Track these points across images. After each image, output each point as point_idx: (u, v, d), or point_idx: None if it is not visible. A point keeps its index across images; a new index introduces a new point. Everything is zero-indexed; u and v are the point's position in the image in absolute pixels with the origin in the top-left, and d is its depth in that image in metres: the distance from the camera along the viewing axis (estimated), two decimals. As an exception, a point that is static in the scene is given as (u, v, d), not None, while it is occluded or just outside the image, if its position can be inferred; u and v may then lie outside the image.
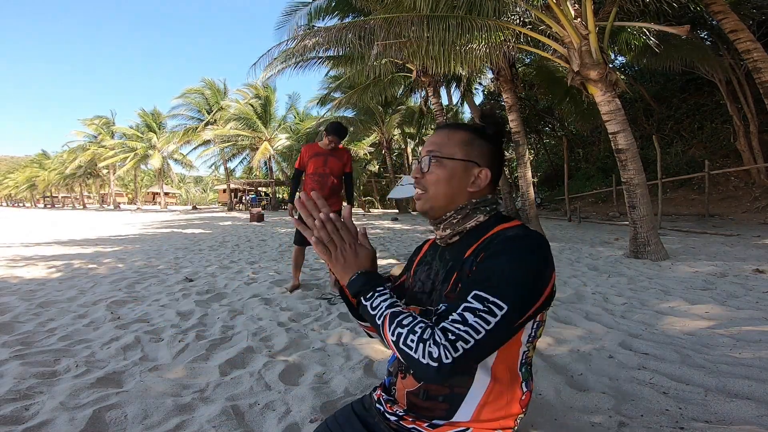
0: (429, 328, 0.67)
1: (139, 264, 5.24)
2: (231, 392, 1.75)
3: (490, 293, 0.66)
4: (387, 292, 0.76)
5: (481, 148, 0.83)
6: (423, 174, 0.84)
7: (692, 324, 2.55)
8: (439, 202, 0.83)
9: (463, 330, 0.64)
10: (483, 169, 0.82)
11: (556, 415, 1.53)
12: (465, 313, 0.66)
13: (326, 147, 3.56)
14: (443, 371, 0.63)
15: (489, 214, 0.82)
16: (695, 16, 9.44)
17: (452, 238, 0.83)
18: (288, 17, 9.25)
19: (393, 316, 0.71)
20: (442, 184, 0.82)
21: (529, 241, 0.72)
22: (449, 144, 0.83)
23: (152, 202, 53.40)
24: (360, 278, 0.77)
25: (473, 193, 0.83)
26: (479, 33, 5.39)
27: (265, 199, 29.08)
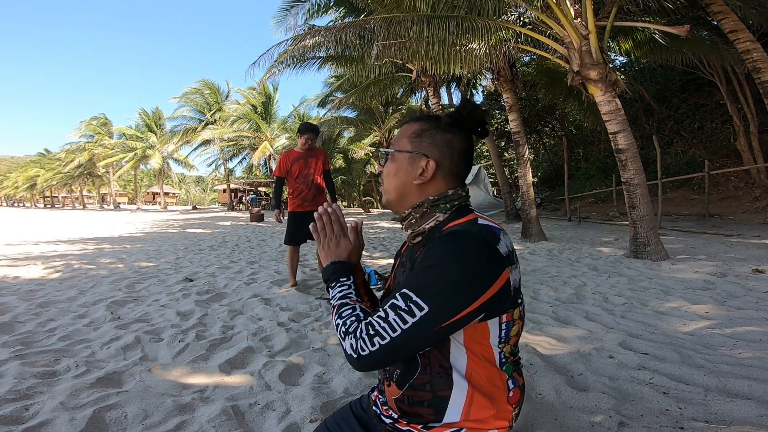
0: (357, 321, 0.71)
1: (139, 264, 5.24)
2: (231, 392, 1.75)
3: (415, 292, 0.65)
4: (347, 284, 0.81)
5: (432, 138, 0.79)
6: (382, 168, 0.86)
7: (692, 324, 2.55)
8: (391, 196, 0.83)
9: (382, 327, 0.66)
10: (429, 161, 0.78)
11: (556, 415, 1.53)
12: (388, 310, 0.66)
13: (303, 149, 3.70)
14: (362, 362, 0.67)
15: (449, 211, 0.78)
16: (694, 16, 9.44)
17: (415, 238, 0.82)
18: (286, 12, 9.24)
19: (339, 307, 0.76)
20: (390, 178, 0.82)
21: (467, 238, 0.68)
22: (402, 137, 0.83)
23: (152, 202, 53.43)
24: (330, 266, 0.84)
25: (423, 186, 0.80)
26: (479, 33, 5.37)
27: (265, 199, 29.10)
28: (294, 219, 3.76)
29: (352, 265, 0.86)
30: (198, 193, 74.56)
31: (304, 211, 3.69)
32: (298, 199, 3.74)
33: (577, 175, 16.99)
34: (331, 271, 0.83)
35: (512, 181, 17.40)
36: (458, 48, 5.95)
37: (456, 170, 0.81)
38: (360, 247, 0.90)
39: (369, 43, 5.68)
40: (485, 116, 0.81)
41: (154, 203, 52.19)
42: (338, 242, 0.86)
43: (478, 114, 0.79)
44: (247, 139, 24.86)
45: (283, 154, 3.80)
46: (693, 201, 11.39)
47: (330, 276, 0.83)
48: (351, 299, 0.78)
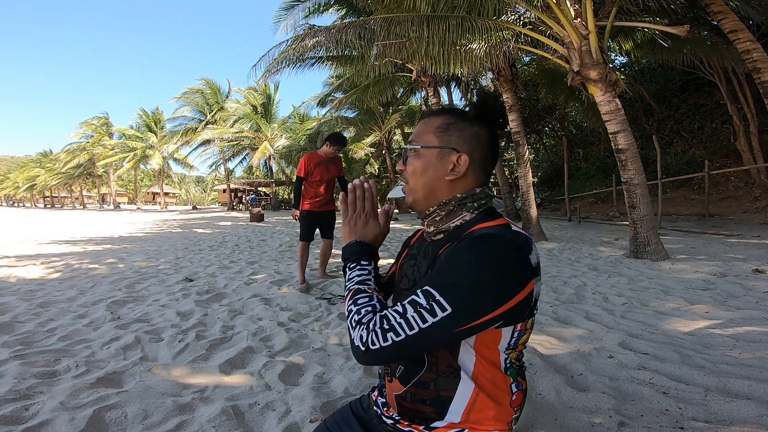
0: (372, 312, 0.68)
1: (139, 264, 5.24)
2: (231, 392, 1.75)
3: (439, 291, 0.62)
4: (368, 269, 0.77)
5: (461, 132, 0.77)
6: (404, 167, 0.81)
7: (692, 324, 2.55)
8: (419, 195, 0.79)
9: (398, 322, 0.63)
10: (461, 155, 0.75)
11: (556, 415, 1.53)
12: (407, 305, 0.64)
13: (327, 155, 3.96)
14: (368, 356, 0.64)
15: (476, 210, 0.76)
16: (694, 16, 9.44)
17: (437, 235, 0.79)
18: (286, 12, 9.25)
19: (355, 292, 0.73)
20: (418, 175, 0.78)
21: (499, 242, 0.65)
22: (426, 132, 0.79)
23: (152, 202, 53.46)
24: (353, 246, 0.80)
25: (453, 182, 0.77)
26: (479, 33, 5.38)
27: (265, 199, 29.11)
28: (309, 217, 4.01)
29: (374, 249, 0.83)
30: (198, 193, 74.56)
31: (320, 211, 4.00)
32: (315, 201, 3.99)
33: (577, 175, 16.99)
34: (353, 250, 0.80)
35: (512, 181, 17.41)
36: (458, 48, 5.95)
37: (485, 163, 0.78)
38: (385, 234, 0.86)
39: (369, 43, 5.68)
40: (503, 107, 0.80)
41: (154, 203, 52.23)
42: (366, 221, 0.83)
43: (498, 106, 0.79)
44: (247, 139, 24.87)
45: (306, 156, 4.00)
46: (693, 201, 11.39)
47: (351, 255, 0.80)
48: (369, 286, 0.75)
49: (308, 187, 3.97)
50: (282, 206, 26.62)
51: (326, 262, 4.25)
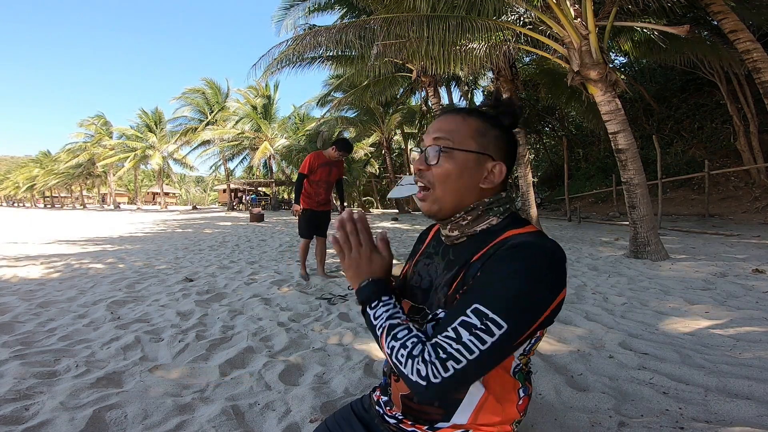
0: (420, 343, 0.64)
1: (139, 264, 5.24)
2: (231, 392, 1.75)
3: (491, 309, 0.59)
4: (391, 302, 0.72)
5: (496, 139, 0.74)
6: (429, 167, 0.74)
7: (692, 324, 2.55)
8: (448, 202, 0.74)
9: (455, 348, 0.59)
10: (497, 163, 0.73)
11: (556, 415, 1.53)
12: (460, 329, 0.60)
13: (332, 158, 4.05)
14: (431, 390, 0.60)
15: (502, 215, 0.74)
16: (695, 16, 9.44)
17: (459, 239, 0.76)
18: (286, 11, 9.25)
19: (390, 328, 0.68)
20: (452, 180, 0.72)
21: (540, 251, 0.63)
22: (462, 132, 0.73)
23: (152, 202, 53.45)
24: (369, 287, 0.74)
25: (485, 190, 0.74)
26: (479, 33, 5.38)
27: (265, 200, 29.12)
28: (307, 216, 4.16)
29: (388, 282, 0.77)
30: (198, 193, 74.58)
31: (318, 210, 4.14)
32: (314, 200, 4.11)
33: (577, 175, 17.00)
34: (370, 291, 0.73)
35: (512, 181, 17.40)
36: (458, 48, 5.95)
37: (510, 169, 0.77)
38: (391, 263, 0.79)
39: (369, 43, 5.68)
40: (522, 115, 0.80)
41: (154, 203, 52.22)
42: (370, 258, 0.76)
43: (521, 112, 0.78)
44: (247, 139, 24.88)
45: (312, 155, 4.08)
46: (693, 201, 11.39)
47: (368, 297, 0.73)
48: (401, 319, 0.70)
49: (309, 185, 4.06)
50: (282, 206, 26.61)
51: (324, 261, 4.33)
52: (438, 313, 0.72)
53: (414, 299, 0.81)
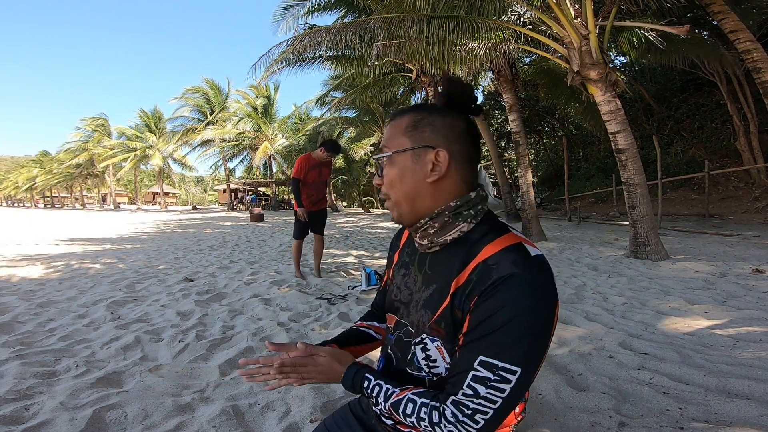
0: (434, 409, 0.63)
1: (139, 264, 5.24)
2: (231, 392, 1.75)
3: (499, 359, 0.59)
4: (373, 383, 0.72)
5: (432, 126, 0.69)
6: (381, 179, 0.73)
7: (692, 324, 2.55)
8: (403, 207, 0.71)
9: (477, 403, 0.59)
10: (438, 150, 0.68)
11: (556, 415, 1.53)
12: (475, 385, 0.60)
13: (321, 159, 4.14)
14: None
15: (474, 219, 0.69)
16: (695, 16, 9.45)
17: (432, 248, 0.73)
18: (286, 11, 9.24)
19: (395, 406, 0.68)
20: (398, 184, 0.70)
21: (531, 282, 0.60)
22: (395, 135, 0.71)
23: (152, 202, 53.44)
24: (345, 381, 0.75)
25: (438, 185, 0.69)
26: (479, 33, 5.38)
27: (265, 200, 29.11)
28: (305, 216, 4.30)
29: (354, 361, 0.78)
30: (198, 193, 74.57)
31: (311, 210, 4.25)
32: (308, 201, 4.22)
33: (577, 175, 17.00)
34: (349, 384, 0.75)
35: (512, 181, 17.40)
36: (458, 48, 5.95)
37: (468, 157, 0.71)
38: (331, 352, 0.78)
39: (369, 43, 5.68)
40: (473, 91, 0.73)
41: (154, 203, 52.21)
42: (319, 369, 0.76)
43: (468, 90, 0.72)
44: (248, 139, 24.89)
45: (302, 158, 4.17)
46: (693, 201, 11.39)
47: (353, 386, 0.75)
48: (397, 391, 0.69)
49: (302, 187, 4.17)
50: (282, 206, 26.62)
51: (320, 259, 4.44)
52: (424, 338, 0.71)
53: (397, 313, 0.80)
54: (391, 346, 0.82)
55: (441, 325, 0.68)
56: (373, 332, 0.97)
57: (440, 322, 0.68)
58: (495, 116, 20.31)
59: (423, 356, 0.72)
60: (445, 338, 0.68)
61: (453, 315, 0.66)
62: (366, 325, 0.98)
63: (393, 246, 0.91)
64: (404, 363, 0.76)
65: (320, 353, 0.77)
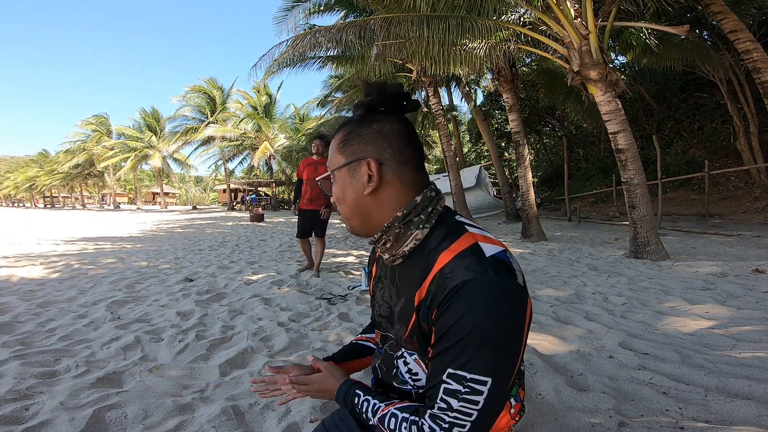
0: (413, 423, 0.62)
1: (139, 264, 5.24)
2: (231, 392, 1.75)
3: (467, 370, 0.57)
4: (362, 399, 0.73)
5: (359, 137, 0.68)
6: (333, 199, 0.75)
7: (692, 324, 2.55)
8: (353, 222, 0.72)
9: (453, 416, 0.58)
10: (367, 161, 0.66)
11: (556, 415, 1.53)
12: (447, 398, 0.58)
13: (315, 153, 4.29)
14: None
15: (426, 224, 0.67)
16: (695, 16, 9.46)
17: (394, 261, 0.71)
18: (287, 12, 9.24)
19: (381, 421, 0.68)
20: (343, 201, 0.71)
21: (487, 285, 0.57)
22: (332, 154, 0.72)
23: (152, 202, 53.44)
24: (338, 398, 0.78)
25: (378, 195, 0.68)
26: (479, 33, 5.38)
27: (266, 200, 29.11)
28: (299, 215, 4.44)
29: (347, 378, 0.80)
30: (198, 193, 74.56)
31: (308, 209, 4.36)
32: (305, 199, 4.37)
33: (577, 175, 17.00)
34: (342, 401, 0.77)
35: (512, 181, 17.41)
36: (458, 48, 5.95)
37: (404, 158, 0.68)
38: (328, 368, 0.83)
39: (369, 43, 5.68)
40: (399, 88, 0.70)
41: (154, 203, 52.21)
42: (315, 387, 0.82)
43: (388, 89, 0.69)
44: (248, 139, 24.90)
45: (303, 160, 4.44)
46: (693, 201, 11.39)
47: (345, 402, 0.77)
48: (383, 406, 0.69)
49: (304, 187, 4.37)
50: (282, 206, 26.62)
51: (320, 260, 4.48)
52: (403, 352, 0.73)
53: (380, 328, 0.82)
54: (379, 361, 0.83)
55: (414, 338, 0.68)
56: (372, 344, 0.98)
57: (412, 335, 0.68)
58: (495, 116, 20.30)
59: (406, 370, 0.73)
60: (419, 351, 0.69)
61: (420, 329, 0.66)
62: (365, 338, 0.99)
63: (370, 260, 0.91)
64: (390, 377, 0.77)
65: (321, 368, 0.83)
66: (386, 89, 0.69)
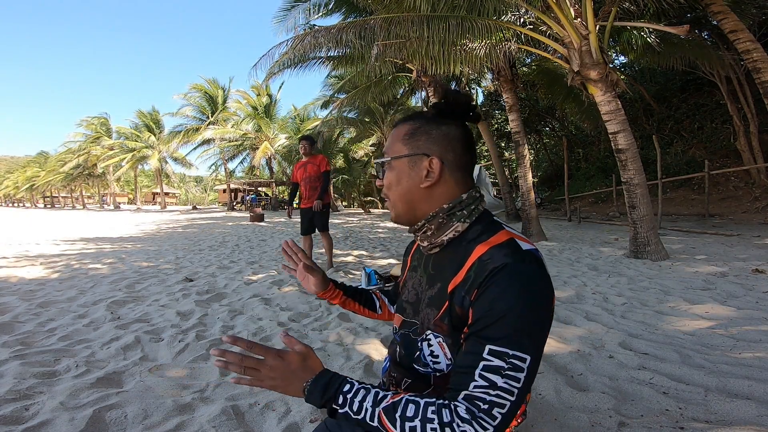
0: (443, 407, 0.59)
1: (139, 264, 5.24)
2: (231, 392, 1.75)
3: (509, 347, 0.59)
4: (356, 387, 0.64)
5: (428, 135, 0.74)
6: (381, 181, 0.79)
7: (692, 324, 2.55)
8: (401, 208, 0.76)
9: (495, 394, 0.58)
10: (432, 159, 0.72)
11: (556, 415, 1.53)
12: (490, 375, 0.58)
13: (303, 153, 4.56)
14: None
15: (468, 219, 0.73)
16: (695, 16, 9.46)
17: (432, 249, 0.77)
18: (287, 13, 9.24)
19: (389, 412, 0.60)
20: (394, 188, 0.76)
21: (525, 270, 0.63)
22: (394, 142, 0.77)
23: (152, 202, 53.44)
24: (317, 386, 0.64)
25: (431, 190, 0.73)
26: (479, 33, 5.38)
27: (266, 200, 29.10)
28: (302, 213, 4.67)
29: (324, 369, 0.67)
30: (198, 193, 74.57)
31: (306, 207, 4.58)
32: (304, 199, 4.61)
33: (577, 175, 17.00)
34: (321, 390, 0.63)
35: (512, 181, 17.40)
36: (458, 48, 5.95)
37: (462, 163, 0.74)
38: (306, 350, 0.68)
39: (369, 43, 5.68)
40: (470, 100, 0.76)
41: (154, 203, 52.20)
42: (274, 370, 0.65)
43: (462, 99, 0.75)
44: (248, 139, 24.89)
45: (294, 166, 4.73)
46: (693, 201, 11.39)
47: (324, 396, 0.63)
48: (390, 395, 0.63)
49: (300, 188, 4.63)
50: (282, 206, 26.61)
51: (330, 253, 4.73)
52: (428, 335, 0.74)
53: (404, 314, 0.84)
54: (397, 345, 0.84)
55: (444, 321, 0.71)
56: (378, 304, 1.06)
57: (444, 318, 0.71)
58: (495, 116, 20.31)
59: (429, 352, 0.74)
60: (447, 334, 0.70)
61: (452, 312, 0.69)
62: (378, 296, 1.07)
63: (407, 251, 0.97)
64: (411, 360, 0.78)
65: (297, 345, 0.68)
66: (460, 98, 0.75)
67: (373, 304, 1.05)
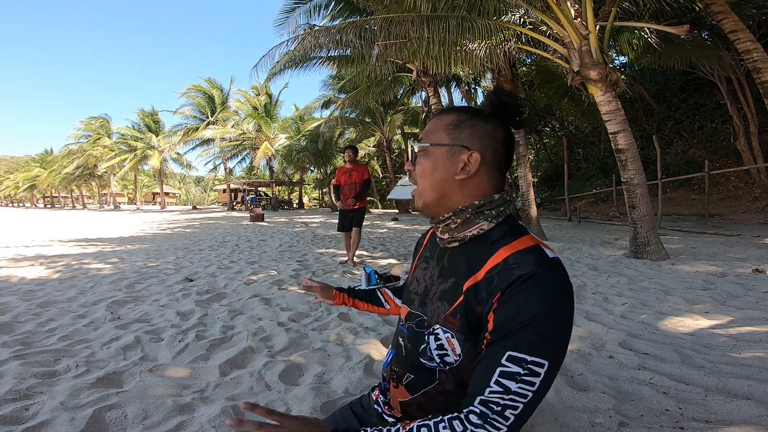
0: (453, 420, 0.61)
1: (139, 264, 5.24)
2: (231, 392, 1.75)
3: (528, 353, 0.59)
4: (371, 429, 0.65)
5: (473, 129, 0.73)
6: (413, 166, 0.78)
7: (692, 324, 2.55)
8: (429, 197, 0.75)
9: (508, 398, 0.59)
10: (472, 153, 0.71)
11: (556, 415, 1.53)
12: (504, 381, 0.60)
13: (348, 161, 5.20)
14: None
15: (494, 220, 0.72)
16: (695, 16, 9.46)
17: (451, 243, 0.76)
18: (287, 15, 9.24)
19: None
20: (428, 175, 0.74)
21: (554, 279, 0.63)
22: (436, 129, 0.75)
23: (152, 202, 53.45)
24: None
25: (464, 183, 0.73)
26: (479, 33, 5.38)
27: (266, 200, 29.11)
28: (339, 213, 5.31)
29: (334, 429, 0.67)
30: (198, 193, 74.53)
31: (344, 209, 5.19)
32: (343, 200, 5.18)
33: (577, 175, 17.00)
34: None
35: (512, 181, 17.39)
36: (458, 48, 5.96)
37: (499, 164, 0.74)
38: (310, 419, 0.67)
39: (369, 43, 5.68)
40: (520, 105, 0.75)
41: (154, 203, 52.20)
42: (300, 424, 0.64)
43: (516, 102, 0.74)
44: (248, 139, 24.90)
45: (339, 169, 5.31)
46: (693, 201, 11.39)
47: None
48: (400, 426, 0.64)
49: (342, 190, 5.17)
50: (282, 206, 26.62)
51: (354, 250, 5.18)
52: (436, 329, 0.72)
53: (411, 305, 0.82)
54: (402, 337, 0.82)
55: (457, 317, 0.69)
56: (383, 299, 1.13)
57: (456, 314, 0.69)
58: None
59: (435, 345, 0.73)
60: (459, 330, 0.69)
61: (468, 310, 0.68)
62: (383, 292, 1.13)
63: (418, 245, 0.96)
64: (416, 353, 0.77)
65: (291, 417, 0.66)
66: (514, 101, 0.75)
67: (378, 300, 1.12)
